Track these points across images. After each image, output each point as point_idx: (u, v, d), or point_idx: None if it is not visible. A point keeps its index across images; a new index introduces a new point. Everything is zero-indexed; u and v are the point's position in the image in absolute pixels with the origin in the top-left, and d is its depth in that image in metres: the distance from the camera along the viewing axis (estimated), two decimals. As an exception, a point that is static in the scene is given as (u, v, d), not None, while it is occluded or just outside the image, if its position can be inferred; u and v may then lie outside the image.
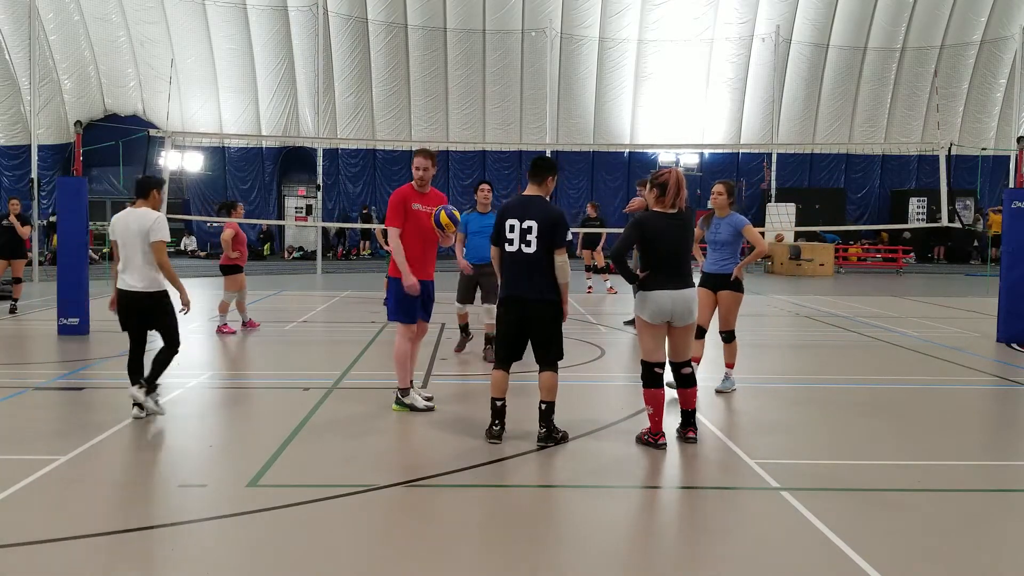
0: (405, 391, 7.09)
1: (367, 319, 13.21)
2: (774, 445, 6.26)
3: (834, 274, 24.94)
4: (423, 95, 30.00)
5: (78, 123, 17.22)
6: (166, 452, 6.16)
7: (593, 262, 17.91)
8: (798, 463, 5.83)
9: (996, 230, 25.08)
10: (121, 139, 25.06)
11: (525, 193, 6.27)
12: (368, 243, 29.73)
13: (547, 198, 6.31)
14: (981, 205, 30.14)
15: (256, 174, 30.08)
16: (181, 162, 28.57)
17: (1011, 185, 24.42)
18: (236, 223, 12.10)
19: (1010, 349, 10.82)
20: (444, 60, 29.78)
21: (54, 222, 21.72)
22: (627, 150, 30.73)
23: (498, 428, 6.18)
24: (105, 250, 24.40)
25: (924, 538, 4.52)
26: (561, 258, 6.06)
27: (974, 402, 8.17)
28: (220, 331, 11.48)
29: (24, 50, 24.88)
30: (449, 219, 6.93)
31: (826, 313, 14.71)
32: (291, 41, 28.48)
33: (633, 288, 6.26)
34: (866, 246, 29.95)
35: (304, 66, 28.52)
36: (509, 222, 6.09)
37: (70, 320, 11.24)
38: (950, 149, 15.59)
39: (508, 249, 6.10)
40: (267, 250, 29.96)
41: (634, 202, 10.47)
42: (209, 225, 29.76)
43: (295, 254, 30.00)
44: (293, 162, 30.54)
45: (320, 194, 26.44)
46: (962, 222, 18.72)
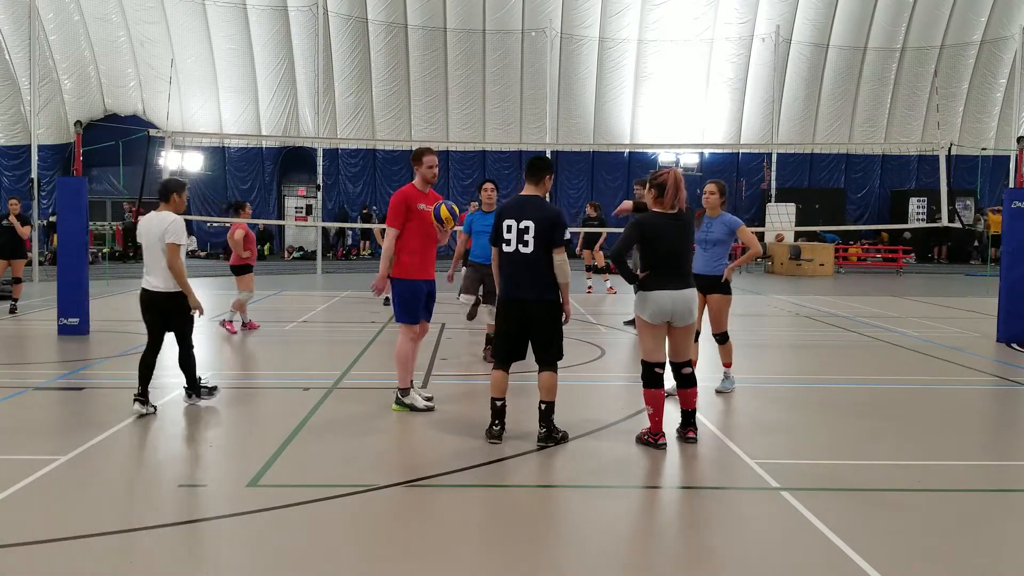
0: (405, 391, 7.10)
1: (367, 319, 13.21)
2: (774, 445, 6.26)
3: (834, 274, 24.94)
4: (423, 95, 30.00)
5: (78, 123, 17.24)
6: (166, 452, 6.16)
7: (593, 262, 17.91)
8: (798, 463, 5.83)
9: (995, 230, 25.08)
10: (121, 139, 25.02)
11: (522, 193, 6.27)
12: (368, 243, 29.72)
13: (545, 197, 6.32)
14: (981, 205, 30.14)
15: (256, 174, 30.08)
16: (181, 162, 28.50)
17: (1011, 185, 24.44)
18: (245, 223, 12.16)
19: (1010, 349, 10.82)
20: (444, 60, 29.78)
21: (54, 222, 21.73)
22: (627, 150, 30.73)
23: (498, 428, 6.18)
24: (105, 250, 24.43)
25: (924, 538, 4.52)
26: (560, 257, 6.04)
27: (974, 402, 8.17)
28: (224, 325, 11.57)
29: (24, 50, 24.87)
30: (449, 213, 6.97)
31: (826, 313, 14.71)
32: (291, 41, 28.47)
33: (633, 288, 6.26)
34: (866, 246, 29.95)
35: (304, 66, 28.51)
36: (506, 222, 6.09)
37: (70, 320, 11.24)
38: (950, 149, 15.59)
39: (506, 249, 6.10)
40: (267, 250, 29.96)
41: (625, 204, 10.46)
42: (209, 225, 29.77)
43: (295, 254, 30.01)
44: (293, 162, 30.54)
45: (320, 194, 26.44)
46: (962, 222, 18.72)
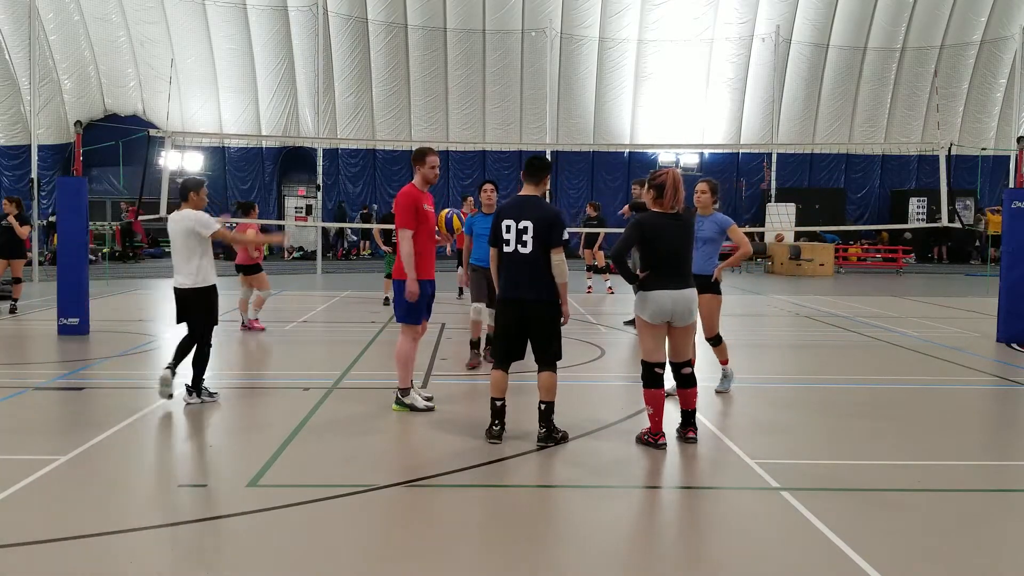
0: (405, 391, 7.10)
1: (367, 319, 13.21)
2: (774, 445, 6.26)
3: (834, 274, 24.94)
4: (423, 95, 29.99)
5: (78, 123, 17.22)
6: (166, 452, 6.17)
7: (594, 262, 17.91)
8: (798, 463, 5.83)
9: (994, 230, 25.07)
10: (121, 139, 25.03)
11: (521, 193, 6.26)
12: (368, 243, 29.73)
13: (544, 197, 6.32)
14: (981, 205, 30.15)
15: (256, 174, 30.09)
16: (181, 162, 28.53)
17: (1011, 185, 24.44)
18: (256, 224, 12.36)
19: (1010, 349, 10.82)
20: (444, 60, 29.78)
21: (54, 222, 21.73)
22: (627, 150, 30.72)
23: (498, 428, 6.18)
24: (105, 250, 24.43)
25: (924, 538, 4.53)
26: (558, 257, 6.04)
27: (974, 402, 8.17)
28: (251, 326, 11.86)
29: (24, 50, 24.87)
30: (460, 223, 7.49)
31: (826, 313, 14.71)
32: (291, 41, 28.47)
33: (633, 288, 6.26)
34: (866, 246, 29.95)
35: (304, 66, 28.52)
36: (505, 223, 6.09)
37: (70, 320, 11.24)
38: (950, 149, 15.57)
39: (505, 250, 6.10)
40: (266, 249, 29.93)
41: (628, 208, 10.54)
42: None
43: (295, 254, 30.00)
44: (293, 162, 30.54)
45: (320, 194, 26.44)
46: (962, 222, 18.71)
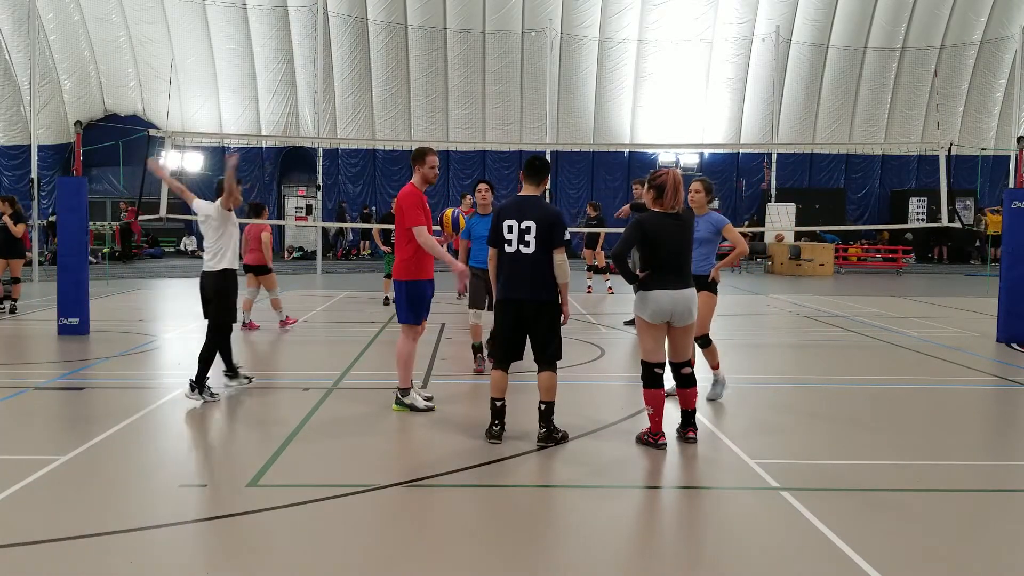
0: (406, 391, 7.10)
1: (367, 319, 13.21)
2: (774, 445, 6.26)
3: (834, 274, 24.94)
4: (423, 95, 30.00)
5: (78, 123, 17.27)
6: (166, 452, 6.16)
7: (594, 262, 17.91)
8: (798, 463, 5.83)
9: (994, 230, 25.07)
10: (121, 139, 25.07)
11: (522, 193, 6.27)
12: (367, 243, 29.72)
13: (544, 197, 6.33)
14: (981, 205, 30.15)
15: (256, 174, 30.07)
16: (181, 162, 28.54)
17: (1011, 185, 24.46)
18: (269, 224, 12.56)
19: (1010, 349, 10.82)
20: (444, 60, 29.78)
21: (54, 222, 21.72)
22: (627, 150, 30.74)
23: (498, 428, 6.18)
24: (105, 250, 24.42)
25: (924, 538, 4.53)
26: (560, 257, 6.06)
27: (974, 402, 8.17)
28: (284, 324, 12.14)
29: (24, 50, 24.88)
30: (464, 222, 7.57)
31: (826, 313, 14.71)
32: (291, 41, 28.48)
33: (634, 288, 6.25)
34: (866, 246, 29.94)
35: (304, 66, 28.52)
36: (507, 223, 6.09)
37: (70, 320, 11.24)
38: (950, 149, 15.57)
39: (507, 250, 6.10)
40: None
41: (625, 209, 10.52)
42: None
43: (295, 254, 30.00)
44: (293, 162, 30.54)
45: (320, 194, 26.44)
46: (962, 222, 18.70)
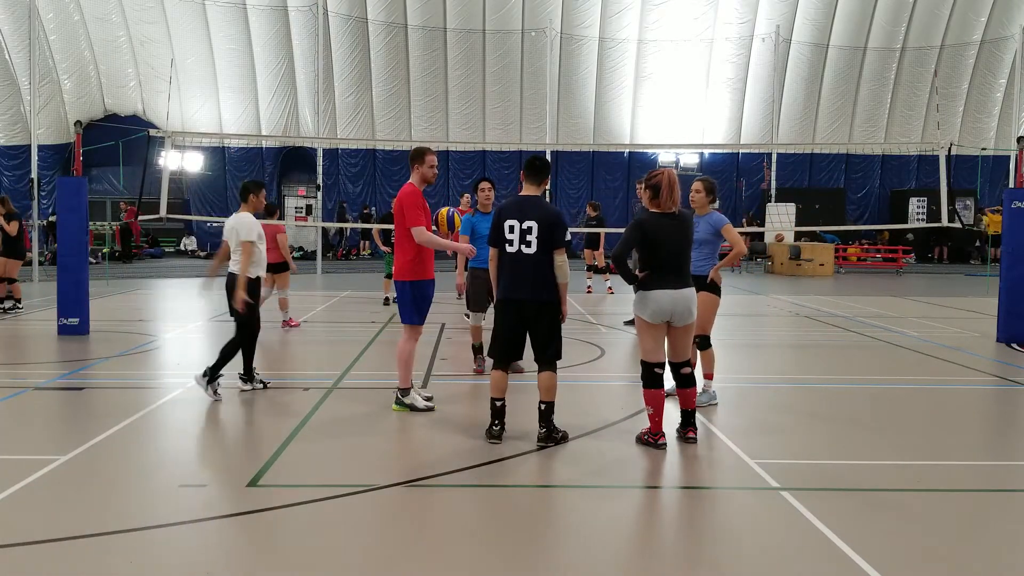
0: (406, 391, 7.10)
1: (367, 319, 13.21)
2: (774, 445, 6.25)
3: (834, 274, 24.94)
4: (423, 95, 30.00)
5: (78, 123, 17.26)
6: (166, 452, 6.16)
7: (594, 262, 17.91)
8: (798, 463, 5.83)
9: (995, 230, 25.06)
10: (121, 139, 25.07)
11: (522, 193, 6.28)
12: (367, 243, 29.73)
13: (544, 197, 6.33)
14: (982, 205, 30.15)
15: (256, 174, 30.03)
16: (181, 162, 28.59)
17: (1011, 185, 24.45)
18: (283, 224, 12.66)
19: (1010, 349, 10.82)
20: (444, 60, 29.78)
21: (54, 222, 21.72)
22: (627, 150, 30.74)
23: (498, 428, 6.18)
24: (105, 250, 24.43)
25: (924, 538, 4.53)
26: (561, 258, 6.07)
27: (974, 402, 8.17)
28: (287, 325, 12.09)
29: (24, 50, 24.89)
30: (459, 221, 7.77)
31: (826, 313, 14.71)
32: (291, 41, 28.49)
33: (633, 288, 6.25)
34: (866, 246, 29.94)
35: (304, 66, 28.52)
36: (508, 223, 6.10)
37: (70, 320, 11.23)
38: (950, 149, 15.57)
39: (508, 250, 6.10)
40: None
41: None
42: (209, 225, 29.77)
43: (295, 254, 30.01)
44: (293, 162, 30.55)
45: (320, 194, 26.44)
46: (962, 222, 18.70)
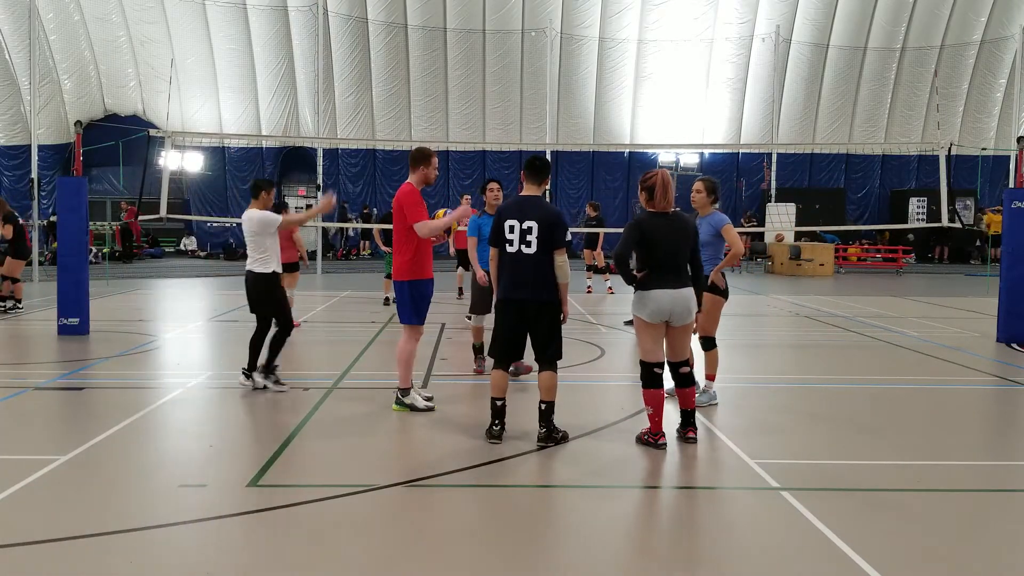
0: (406, 391, 7.10)
1: (367, 319, 13.21)
2: (774, 445, 6.26)
3: (834, 274, 24.93)
4: (423, 95, 29.98)
5: (78, 123, 17.26)
6: (166, 452, 6.16)
7: (594, 262, 17.91)
8: (798, 463, 5.83)
9: (995, 230, 25.06)
10: (121, 139, 25.08)
11: (523, 194, 6.29)
12: (367, 243, 29.72)
13: (544, 197, 6.33)
14: (982, 205, 30.14)
15: (256, 174, 29.99)
16: (181, 162, 28.57)
17: (1011, 185, 24.45)
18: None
19: (1010, 349, 10.82)
20: (444, 60, 29.77)
21: (54, 222, 21.71)
22: (627, 150, 30.72)
23: (498, 428, 6.18)
24: (105, 250, 24.43)
25: (924, 538, 4.53)
26: (561, 258, 6.08)
27: (974, 402, 8.17)
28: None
29: (24, 50, 24.88)
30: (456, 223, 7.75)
31: (826, 313, 14.70)
32: (291, 41, 28.47)
33: (634, 288, 6.25)
34: (866, 246, 29.93)
35: (304, 66, 28.51)
36: (508, 223, 6.10)
37: (70, 320, 11.23)
38: (950, 149, 15.57)
39: (508, 250, 6.11)
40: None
41: None
42: (209, 225, 29.77)
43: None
44: (293, 162, 30.53)
45: (320, 194, 26.43)
46: (962, 222, 18.70)
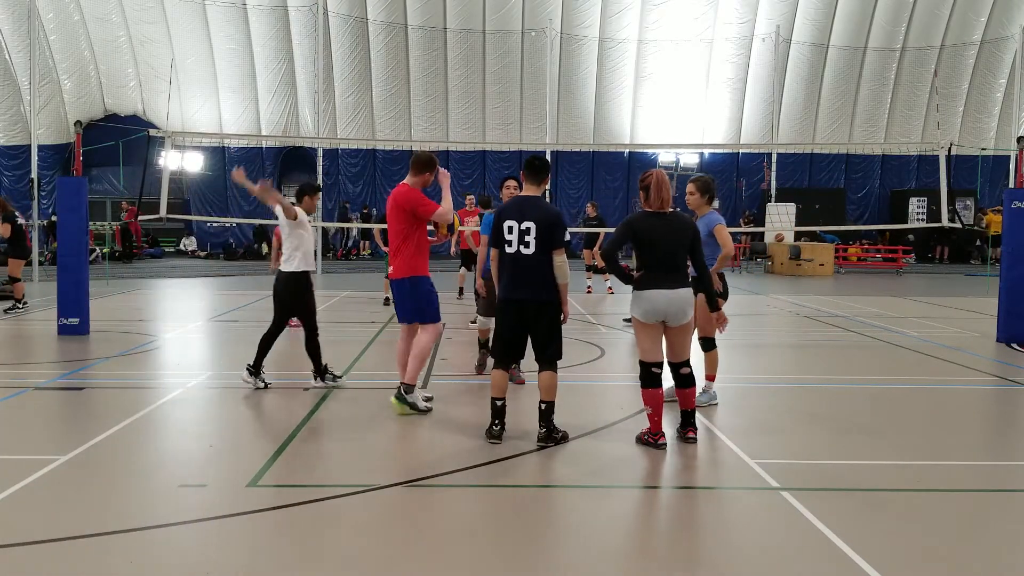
0: (411, 388, 7.00)
1: (367, 319, 13.21)
2: (774, 445, 6.26)
3: (834, 274, 24.93)
4: (423, 95, 29.99)
5: (78, 123, 17.25)
6: (166, 452, 6.16)
7: (594, 262, 17.91)
8: (798, 463, 5.83)
9: (995, 230, 25.05)
10: (121, 139, 25.05)
11: (522, 194, 6.29)
12: (368, 243, 29.72)
13: (544, 197, 6.33)
14: (982, 205, 30.14)
15: (256, 174, 29.95)
16: (181, 162, 28.58)
17: (1011, 185, 24.44)
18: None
19: (1010, 349, 10.82)
20: (444, 60, 29.78)
21: (54, 222, 21.71)
22: (627, 150, 30.73)
23: (498, 428, 6.18)
24: (105, 250, 24.42)
25: (924, 538, 4.53)
26: (560, 258, 6.07)
27: (974, 402, 8.17)
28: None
29: (24, 50, 24.88)
30: (459, 222, 7.47)
31: (826, 313, 14.70)
32: (291, 41, 28.48)
33: (632, 288, 6.25)
34: (866, 246, 29.93)
35: (304, 66, 28.51)
36: (507, 224, 6.11)
37: (70, 320, 11.23)
38: (950, 149, 15.57)
39: (507, 251, 6.12)
40: (264, 248, 29.94)
41: None
42: (209, 225, 29.77)
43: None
44: (293, 162, 30.53)
45: (320, 194, 26.42)
46: (962, 222, 18.70)
